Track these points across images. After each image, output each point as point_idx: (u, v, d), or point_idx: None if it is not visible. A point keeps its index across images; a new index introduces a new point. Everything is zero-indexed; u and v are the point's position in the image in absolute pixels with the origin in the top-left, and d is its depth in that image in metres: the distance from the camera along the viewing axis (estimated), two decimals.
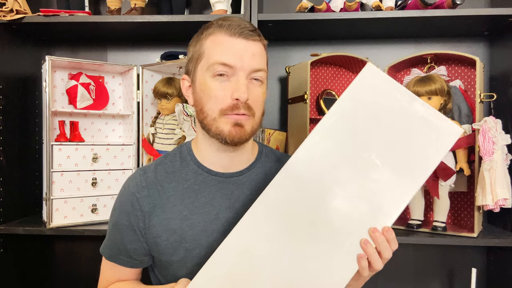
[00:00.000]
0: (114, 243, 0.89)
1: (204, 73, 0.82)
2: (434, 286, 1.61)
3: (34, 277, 1.61)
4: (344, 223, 0.71)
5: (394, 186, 0.71)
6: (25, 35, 1.54)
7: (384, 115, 0.72)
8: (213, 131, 0.82)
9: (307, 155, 0.73)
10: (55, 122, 1.46)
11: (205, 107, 0.82)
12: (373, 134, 0.72)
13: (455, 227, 1.39)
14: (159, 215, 0.85)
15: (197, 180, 0.88)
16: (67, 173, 1.39)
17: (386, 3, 1.38)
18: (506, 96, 1.41)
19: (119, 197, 0.90)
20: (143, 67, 1.51)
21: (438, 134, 0.71)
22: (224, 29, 0.81)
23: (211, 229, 0.85)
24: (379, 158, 0.72)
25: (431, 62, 1.42)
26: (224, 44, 0.80)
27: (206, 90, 0.81)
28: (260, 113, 0.85)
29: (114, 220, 0.89)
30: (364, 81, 0.73)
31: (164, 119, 1.50)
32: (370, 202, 0.71)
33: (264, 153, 0.96)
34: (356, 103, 0.73)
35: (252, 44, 0.81)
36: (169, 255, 0.85)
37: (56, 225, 1.37)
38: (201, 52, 0.83)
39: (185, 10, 1.60)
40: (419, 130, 0.72)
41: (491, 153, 1.22)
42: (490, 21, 1.37)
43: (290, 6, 1.62)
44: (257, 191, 0.88)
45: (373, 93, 0.73)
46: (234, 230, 0.73)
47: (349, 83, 1.59)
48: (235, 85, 0.79)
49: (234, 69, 0.79)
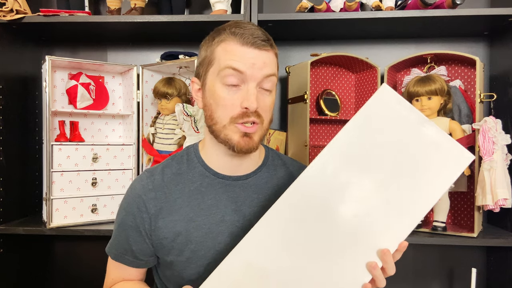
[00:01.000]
0: (120, 243, 0.90)
1: (214, 79, 0.82)
2: (434, 286, 1.61)
3: (34, 277, 1.61)
4: (350, 240, 0.72)
5: (402, 209, 0.71)
6: (25, 35, 1.54)
7: (396, 137, 0.72)
8: (222, 137, 0.82)
9: (318, 171, 0.73)
10: (55, 122, 1.46)
11: (215, 114, 0.82)
12: (385, 156, 0.72)
13: (455, 227, 1.39)
14: (165, 217, 0.86)
15: (204, 182, 0.88)
16: (67, 173, 1.39)
17: (386, 3, 1.38)
18: (506, 96, 1.41)
19: (126, 198, 0.90)
20: (143, 67, 1.51)
21: (449, 160, 0.71)
22: (237, 37, 0.80)
23: (216, 231, 0.85)
24: (388, 180, 0.72)
25: (431, 62, 1.42)
26: (236, 52, 0.80)
27: (216, 97, 0.81)
28: (268, 120, 0.85)
29: (120, 220, 0.90)
30: (379, 101, 0.73)
31: (164, 119, 1.50)
32: (377, 221, 0.71)
33: (270, 157, 0.96)
34: (369, 123, 0.73)
35: (264, 54, 0.81)
36: (174, 256, 0.86)
37: (56, 225, 1.37)
38: (212, 58, 0.83)
39: (185, 10, 1.61)
40: (430, 155, 0.71)
41: (491, 153, 1.22)
42: (490, 21, 1.37)
43: (290, 6, 1.62)
44: (263, 195, 0.89)
45: (386, 114, 0.73)
46: (242, 242, 0.74)
47: (349, 83, 1.60)
48: (245, 94, 0.79)
49: (245, 75, 0.79)
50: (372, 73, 1.49)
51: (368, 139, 0.73)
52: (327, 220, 0.72)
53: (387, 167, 0.72)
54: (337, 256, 0.72)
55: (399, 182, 0.72)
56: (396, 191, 0.72)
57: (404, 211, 0.71)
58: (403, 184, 0.72)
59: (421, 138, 0.72)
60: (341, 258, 0.72)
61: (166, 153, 1.45)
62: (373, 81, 1.48)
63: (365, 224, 0.71)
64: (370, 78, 1.50)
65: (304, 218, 0.73)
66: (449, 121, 1.32)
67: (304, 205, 0.73)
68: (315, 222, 0.72)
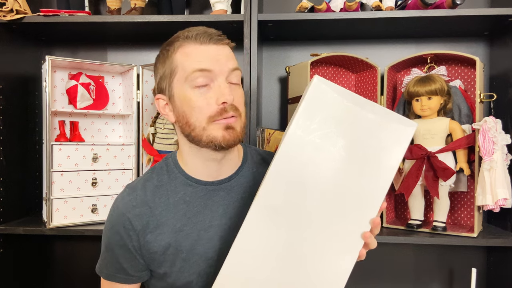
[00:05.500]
0: (110, 263, 0.89)
1: (182, 85, 0.81)
2: (434, 286, 1.61)
3: (34, 277, 1.61)
4: (334, 215, 0.74)
5: (368, 184, 0.74)
6: (25, 35, 1.54)
7: (342, 126, 0.73)
8: (204, 140, 0.81)
9: (286, 159, 0.74)
10: (55, 122, 1.46)
11: (191, 119, 0.81)
12: (337, 146, 0.73)
13: (455, 227, 1.39)
14: (153, 231, 0.86)
15: (187, 191, 0.88)
16: (67, 173, 1.39)
17: (386, 3, 1.38)
18: (506, 96, 1.41)
19: (109, 218, 0.89)
20: (143, 67, 1.51)
21: (394, 134, 0.74)
22: (193, 39, 0.81)
23: (206, 237, 0.85)
24: (345, 170, 0.73)
25: (431, 62, 1.42)
26: (197, 52, 0.80)
27: (188, 102, 0.80)
28: (244, 113, 0.86)
29: (107, 241, 0.89)
30: (316, 93, 0.73)
31: (164, 119, 1.50)
32: (355, 196, 0.74)
33: (249, 154, 0.96)
34: (312, 118, 0.73)
35: (223, 48, 0.82)
36: (167, 267, 0.86)
37: (56, 225, 1.37)
38: (173, 67, 0.82)
39: (185, 10, 1.60)
40: (376, 134, 0.73)
41: (491, 153, 1.22)
42: (490, 21, 1.37)
43: (290, 6, 1.62)
44: (247, 194, 0.89)
45: (325, 104, 0.73)
46: (227, 260, 0.74)
47: (349, 83, 1.60)
48: (218, 91, 0.79)
49: (213, 73, 0.79)
50: (372, 73, 1.48)
51: (315, 136, 0.73)
52: (311, 196, 0.73)
53: (339, 158, 0.73)
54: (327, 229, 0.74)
55: (356, 170, 0.73)
56: (355, 178, 0.73)
57: (368, 195, 0.74)
58: (359, 171, 0.73)
59: (364, 121, 0.73)
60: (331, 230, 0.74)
61: (166, 153, 1.44)
62: (373, 81, 1.48)
63: (344, 198, 0.73)
64: (370, 78, 1.50)
65: (289, 199, 0.73)
66: (449, 121, 1.32)
67: (284, 189, 0.73)
68: (298, 202, 0.73)
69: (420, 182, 1.33)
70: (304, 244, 0.73)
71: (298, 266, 0.74)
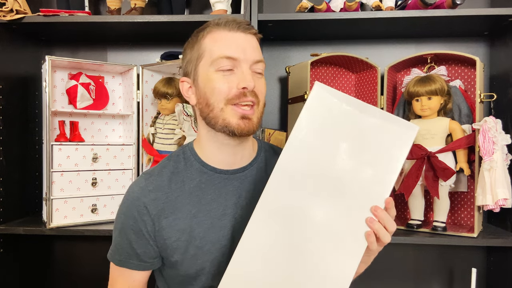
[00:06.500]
0: (123, 249, 0.89)
1: (207, 69, 0.83)
2: (434, 286, 1.61)
3: (34, 277, 1.61)
4: (338, 217, 0.74)
5: (371, 186, 0.74)
6: (25, 35, 1.54)
7: (343, 132, 0.75)
8: (220, 123, 0.83)
9: (289, 161, 0.75)
10: (55, 122, 1.46)
11: (210, 100, 0.83)
12: (340, 150, 0.74)
13: (455, 227, 1.39)
14: (168, 216, 0.86)
15: (203, 178, 0.89)
16: (67, 173, 1.39)
17: (386, 3, 1.38)
18: (506, 96, 1.41)
19: (124, 202, 0.90)
20: (143, 67, 1.51)
21: (396, 137, 0.74)
22: (222, 26, 0.84)
23: (218, 225, 0.87)
24: (349, 173, 0.74)
25: (431, 62, 1.42)
26: (226, 38, 0.83)
27: (211, 83, 0.83)
28: (263, 103, 0.87)
29: (120, 226, 0.89)
30: (317, 100, 0.76)
31: (164, 119, 1.50)
32: (361, 189, 0.74)
33: (263, 148, 0.98)
34: (313, 124, 0.75)
35: (251, 38, 0.85)
36: (180, 254, 0.86)
37: (56, 225, 1.37)
38: (201, 52, 0.85)
39: (185, 10, 1.60)
40: (378, 138, 0.74)
41: (491, 153, 1.22)
42: (490, 21, 1.37)
43: (290, 6, 1.62)
44: (260, 185, 0.89)
45: (327, 110, 0.75)
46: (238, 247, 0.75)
47: (349, 83, 1.60)
48: (240, 76, 0.82)
49: (238, 61, 0.82)
50: (372, 73, 1.48)
51: (317, 140, 0.75)
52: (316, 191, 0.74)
53: (341, 160, 0.74)
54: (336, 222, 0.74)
55: (358, 172, 0.74)
56: (358, 180, 0.74)
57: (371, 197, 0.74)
58: (361, 174, 0.74)
59: (365, 125, 0.75)
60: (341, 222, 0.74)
61: (166, 153, 1.45)
62: (373, 81, 1.48)
63: (351, 192, 0.74)
64: (370, 78, 1.50)
65: (293, 196, 0.75)
66: (449, 121, 1.32)
67: (289, 185, 0.75)
68: (304, 199, 0.74)
69: (420, 182, 1.33)
70: (309, 245, 0.74)
71: (302, 266, 0.74)
